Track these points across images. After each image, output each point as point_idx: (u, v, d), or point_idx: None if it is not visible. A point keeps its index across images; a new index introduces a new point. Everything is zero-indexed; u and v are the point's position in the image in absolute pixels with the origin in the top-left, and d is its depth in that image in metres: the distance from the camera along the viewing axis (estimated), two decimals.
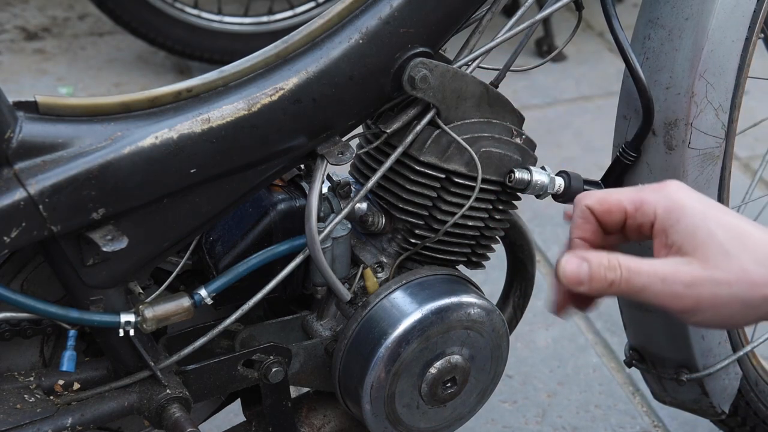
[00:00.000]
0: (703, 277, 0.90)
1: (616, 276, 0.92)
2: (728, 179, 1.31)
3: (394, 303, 1.19)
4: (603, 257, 0.94)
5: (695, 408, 1.46)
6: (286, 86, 1.06)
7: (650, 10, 1.25)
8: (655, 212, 0.95)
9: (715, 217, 0.93)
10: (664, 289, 0.91)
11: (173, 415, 1.10)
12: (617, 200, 0.97)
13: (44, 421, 1.06)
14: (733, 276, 0.90)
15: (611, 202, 0.97)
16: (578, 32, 1.24)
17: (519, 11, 1.17)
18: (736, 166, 2.39)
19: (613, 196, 0.98)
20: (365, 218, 1.20)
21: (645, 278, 0.92)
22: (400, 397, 1.20)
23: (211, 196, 1.07)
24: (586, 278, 0.93)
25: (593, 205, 0.98)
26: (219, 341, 1.20)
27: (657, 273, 0.92)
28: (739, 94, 1.26)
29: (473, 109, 1.16)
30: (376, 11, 1.08)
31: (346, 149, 1.11)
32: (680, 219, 0.93)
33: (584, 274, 0.93)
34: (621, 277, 0.92)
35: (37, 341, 1.14)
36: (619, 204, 0.97)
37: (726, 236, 0.92)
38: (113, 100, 1.01)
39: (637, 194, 0.97)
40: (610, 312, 1.97)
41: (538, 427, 1.75)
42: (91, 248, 1.01)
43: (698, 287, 0.91)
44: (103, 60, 2.86)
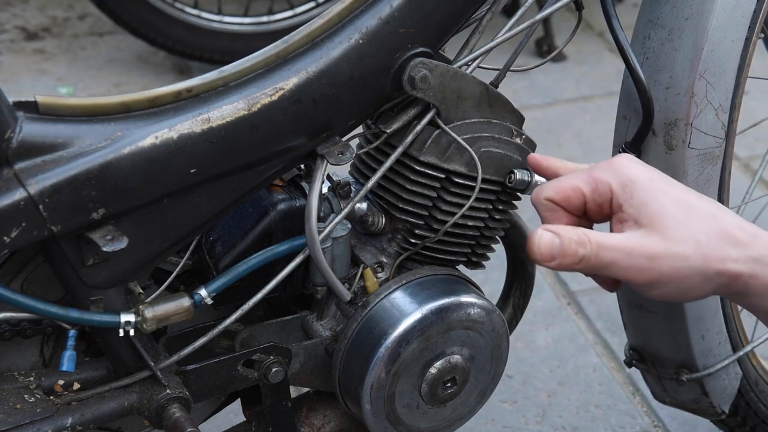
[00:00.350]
0: (663, 251, 0.91)
1: (586, 251, 0.93)
2: (728, 179, 1.31)
3: (394, 303, 1.19)
4: (572, 232, 0.94)
5: (695, 408, 1.46)
6: (286, 86, 1.07)
7: (650, 10, 1.25)
8: (610, 189, 0.95)
9: (663, 189, 0.94)
10: (630, 263, 0.92)
11: (173, 415, 1.10)
12: (572, 185, 0.98)
13: (44, 421, 1.06)
14: (689, 249, 0.91)
15: (567, 189, 0.98)
16: (578, 32, 1.24)
17: (519, 11, 1.17)
18: (736, 166, 2.39)
19: (567, 182, 0.99)
20: (365, 218, 1.20)
21: (612, 253, 0.92)
22: (400, 397, 1.20)
23: (211, 196, 1.07)
24: (558, 253, 0.93)
25: (552, 196, 0.99)
26: (219, 341, 1.20)
27: (623, 247, 0.92)
28: (739, 94, 1.26)
29: (473, 109, 1.16)
30: (376, 11, 1.08)
31: (346, 149, 1.11)
32: (633, 193, 0.94)
33: (556, 249, 0.94)
34: (590, 252, 0.93)
35: (37, 341, 1.14)
36: (576, 188, 0.98)
37: (676, 208, 0.93)
38: (113, 100, 1.01)
39: (589, 175, 0.98)
40: (610, 312, 1.98)
41: (538, 427, 1.75)
42: (91, 248, 1.01)
43: (659, 260, 0.91)
44: (103, 60, 2.86)
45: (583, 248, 0.93)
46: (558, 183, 0.99)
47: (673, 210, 0.93)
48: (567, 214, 0.99)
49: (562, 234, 0.94)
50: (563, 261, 0.93)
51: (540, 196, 1.00)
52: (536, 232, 0.95)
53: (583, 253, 0.93)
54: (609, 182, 0.96)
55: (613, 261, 0.93)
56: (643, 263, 0.92)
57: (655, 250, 0.92)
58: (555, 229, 0.95)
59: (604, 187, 0.96)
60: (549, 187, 1.00)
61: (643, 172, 0.96)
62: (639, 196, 0.94)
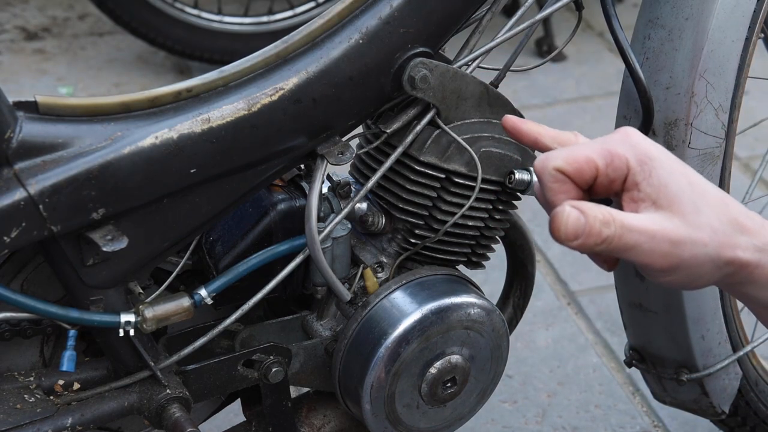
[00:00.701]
0: (686, 236, 0.87)
1: (610, 232, 0.86)
2: (728, 179, 1.31)
3: (394, 303, 1.19)
4: (597, 210, 0.87)
5: (695, 408, 1.46)
6: (286, 86, 1.07)
7: (650, 10, 1.25)
8: (627, 165, 0.88)
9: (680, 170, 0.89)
10: (653, 247, 0.87)
11: (173, 415, 1.10)
12: (587, 157, 0.89)
13: (44, 421, 1.06)
14: (707, 236, 0.87)
15: (581, 160, 0.89)
16: (578, 32, 1.24)
17: (519, 11, 1.17)
18: (736, 166, 2.39)
19: (580, 152, 0.89)
20: (365, 218, 1.20)
21: (637, 235, 0.86)
22: (400, 397, 1.20)
23: (211, 196, 1.07)
24: (582, 232, 0.86)
25: (563, 167, 0.89)
26: (219, 341, 1.20)
27: (648, 230, 0.86)
28: (739, 94, 1.26)
29: (473, 109, 1.16)
30: (376, 11, 1.08)
31: (346, 149, 1.11)
32: (652, 172, 0.88)
33: (581, 228, 0.86)
34: (615, 233, 0.86)
35: (37, 341, 1.14)
36: (589, 160, 0.89)
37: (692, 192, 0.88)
38: (113, 100, 1.01)
39: (605, 148, 0.89)
40: (610, 312, 1.97)
41: (538, 427, 1.75)
42: (91, 248, 1.01)
43: (682, 246, 0.87)
44: (103, 60, 2.86)
45: (608, 229, 0.86)
46: (570, 152, 0.90)
47: (690, 193, 0.88)
48: (575, 188, 0.90)
49: (588, 212, 0.86)
50: (586, 241, 0.86)
51: (548, 165, 0.89)
52: (563, 208, 0.86)
53: (608, 233, 0.86)
54: (626, 157, 0.88)
55: (637, 244, 0.87)
56: (666, 248, 0.86)
57: (678, 234, 0.86)
58: (580, 206, 0.87)
59: (621, 162, 0.88)
60: (559, 156, 0.89)
61: (658, 149, 0.90)
62: (659, 175, 0.88)
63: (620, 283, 1.40)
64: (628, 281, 1.37)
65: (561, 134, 0.96)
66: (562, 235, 0.87)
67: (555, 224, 0.87)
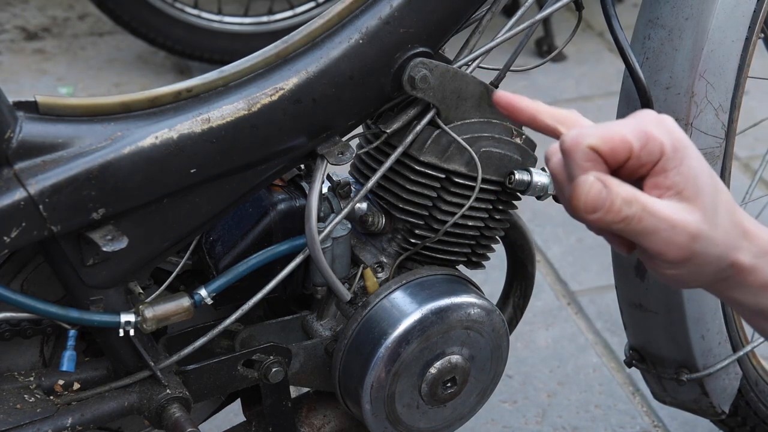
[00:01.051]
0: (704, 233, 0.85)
1: (631, 212, 0.83)
2: (728, 179, 1.31)
3: (394, 303, 1.19)
4: (621, 187, 0.83)
5: (695, 408, 1.46)
6: (286, 86, 1.07)
7: (650, 10, 1.25)
8: (662, 150, 0.84)
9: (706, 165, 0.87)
10: (671, 236, 0.84)
11: (173, 415, 1.10)
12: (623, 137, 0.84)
13: (44, 421, 1.06)
14: (720, 236, 0.86)
15: (616, 139, 0.84)
16: (578, 32, 1.24)
17: (519, 11, 1.17)
18: (736, 166, 2.38)
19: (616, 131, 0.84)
20: (365, 218, 1.20)
21: (657, 221, 0.83)
22: (400, 397, 1.20)
23: (211, 196, 1.07)
24: (602, 206, 0.83)
25: (598, 145, 0.84)
26: (219, 341, 1.20)
27: (670, 218, 0.83)
28: (739, 94, 1.26)
29: (473, 109, 1.16)
30: (376, 11, 1.08)
31: (346, 149, 1.11)
32: (684, 160, 0.85)
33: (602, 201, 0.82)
34: (635, 213, 0.83)
35: (37, 341, 1.14)
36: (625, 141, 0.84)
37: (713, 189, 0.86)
38: (113, 100, 1.01)
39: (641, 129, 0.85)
40: (610, 312, 1.97)
41: (538, 427, 1.75)
42: (91, 248, 1.01)
43: (699, 241, 0.85)
44: (103, 60, 2.86)
45: (629, 208, 0.82)
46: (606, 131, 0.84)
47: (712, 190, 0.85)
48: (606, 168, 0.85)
49: (612, 187, 0.82)
50: (605, 216, 0.82)
51: (582, 143, 0.83)
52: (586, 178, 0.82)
53: (628, 213, 0.82)
54: (662, 142, 0.84)
55: (656, 230, 0.83)
56: (683, 240, 0.84)
57: (698, 229, 0.84)
58: (605, 179, 0.83)
59: (656, 146, 0.84)
60: (594, 134, 0.84)
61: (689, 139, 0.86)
62: (690, 165, 0.85)
63: (620, 283, 1.40)
64: (628, 281, 1.37)
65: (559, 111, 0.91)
66: (581, 206, 0.83)
67: (576, 193, 0.83)
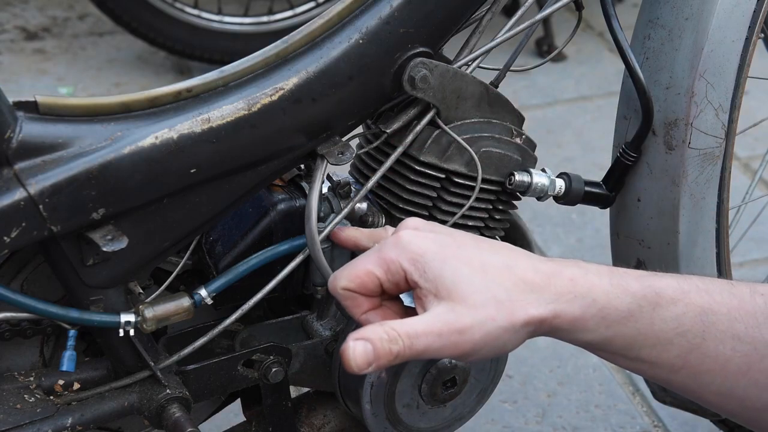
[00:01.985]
0: (470, 321, 0.90)
1: (399, 347, 0.90)
2: (728, 179, 1.31)
3: None
4: (381, 330, 0.91)
5: (695, 408, 1.46)
6: (286, 86, 1.06)
7: (650, 10, 1.25)
8: (401, 268, 0.93)
9: (454, 255, 0.93)
10: (443, 342, 0.90)
11: (173, 415, 1.10)
12: (365, 270, 0.95)
13: (44, 421, 1.06)
14: (492, 310, 0.90)
15: (361, 275, 0.95)
16: (578, 32, 1.24)
17: (519, 11, 1.17)
18: (736, 166, 2.38)
19: (359, 268, 0.96)
20: (365, 218, 1.20)
21: (424, 338, 0.90)
22: (400, 397, 1.20)
23: (211, 196, 1.07)
24: (373, 358, 0.90)
25: (348, 285, 0.96)
26: (219, 341, 1.20)
27: (432, 330, 0.90)
28: (739, 94, 1.26)
29: (473, 109, 1.16)
30: (376, 11, 1.08)
31: (346, 149, 1.11)
32: (425, 267, 0.92)
33: (371, 356, 0.90)
34: (404, 346, 0.90)
35: (37, 341, 1.14)
36: (368, 272, 0.95)
37: (470, 272, 0.91)
38: (113, 100, 1.01)
39: (379, 257, 0.95)
40: None
41: (538, 427, 1.75)
42: (91, 248, 1.01)
43: (470, 331, 0.90)
44: (103, 60, 2.86)
45: (396, 344, 0.90)
46: (350, 270, 0.96)
47: (467, 274, 0.91)
48: (367, 299, 0.96)
49: (372, 337, 0.90)
50: (379, 363, 0.90)
51: (336, 287, 0.97)
52: (347, 345, 0.91)
53: (397, 349, 0.90)
54: (399, 261, 0.94)
55: (427, 346, 0.90)
56: (456, 339, 0.90)
57: (462, 323, 0.90)
58: (364, 335, 0.91)
59: (396, 267, 0.94)
60: (342, 276, 0.96)
61: (431, 240, 0.94)
62: (432, 268, 0.92)
63: None
64: None
65: (375, 233, 1.06)
66: (356, 369, 0.90)
67: (345, 361, 0.91)
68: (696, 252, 1.30)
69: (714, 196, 1.29)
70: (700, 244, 1.30)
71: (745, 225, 1.66)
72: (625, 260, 1.34)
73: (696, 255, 1.30)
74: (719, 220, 1.30)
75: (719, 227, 1.31)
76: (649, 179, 1.26)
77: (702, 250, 1.30)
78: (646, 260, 1.31)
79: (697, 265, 1.31)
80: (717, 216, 1.30)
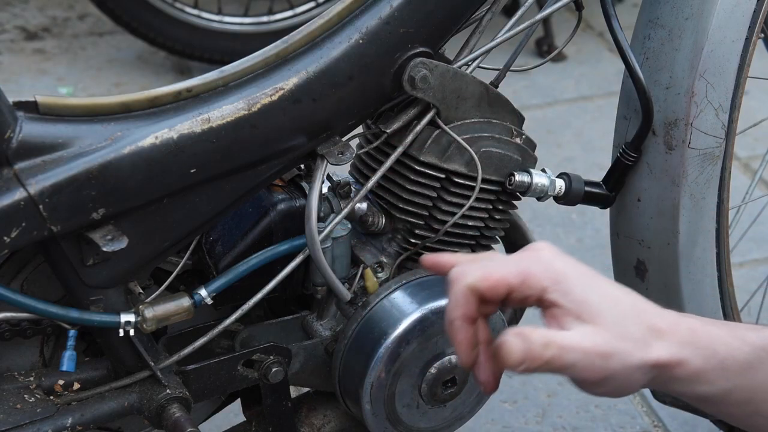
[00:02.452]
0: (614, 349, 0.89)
1: (551, 354, 0.89)
2: (728, 179, 1.31)
3: (394, 303, 1.19)
4: (537, 334, 0.89)
5: (695, 408, 1.46)
6: (286, 86, 1.07)
7: (650, 10, 1.25)
8: (541, 285, 0.91)
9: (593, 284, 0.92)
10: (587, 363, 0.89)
11: (173, 415, 1.10)
12: (501, 277, 0.92)
13: (44, 421, 1.06)
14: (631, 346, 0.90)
15: (495, 279, 0.92)
16: (578, 32, 1.24)
17: (519, 11, 1.17)
18: (736, 166, 2.38)
19: (495, 272, 0.92)
20: (365, 218, 1.20)
21: (573, 354, 0.89)
22: (400, 397, 1.20)
23: (211, 196, 1.07)
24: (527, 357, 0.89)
25: (477, 284, 0.91)
26: (219, 341, 1.20)
27: (582, 348, 0.89)
28: (739, 94, 1.26)
29: (473, 109, 1.16)
30: (376, 11, 1.08)
31: (346, 149, 1.11)
32: (569, 289, 0.91)
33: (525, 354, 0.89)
34: (555, 354, 0.89)
35: (37, 341, 1.14)
36: (504, 280, 0.92)
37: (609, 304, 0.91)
38: (113, 100, 1.01)
39: (519, 267, 0.92)
40: None
41: (538, 427, 1.74)
42: (91, 248, 1.01)
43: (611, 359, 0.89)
44: (103, 60, 2.86)
45: (548, 351, 0.89)
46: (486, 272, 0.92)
47: (607, 305, 0.91)
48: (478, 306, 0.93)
49: (529, 336, 0.89)
50: (531, 365, 0.89)
51: (462, 281, 0.92)
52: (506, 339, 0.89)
53: (549, 355, 0.89)
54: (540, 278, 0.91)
55: (574, 362, 0.90)
56: (598, 362, 0.89)
57: (608, 348, 0.89)
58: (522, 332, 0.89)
59: (535, 281, 0.91)
60: (474, 274, 0.92)
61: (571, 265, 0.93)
62: (575, 292, 0.91)
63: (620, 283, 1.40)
64: (628, 281, 1.37)
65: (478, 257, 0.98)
66: (511, 363, 0.89)
67: (503, 353, 0.89)
68: (696, 252, 1.30)
69: (714, 196, 1.29)
70: (700, 244, 1.30)
71: (745, 225, 1.66)
72: (625, 260, 1.34)
73: (696, 255, 1.30)
74: (719, 220, 1.30)
75: (719, 227, 1.31)
76: (649, 179, 1.26)
77: (702, 250, 1.30)
78: (646, 260, 1.31)
79: (697, 266, 1.31)
80: (717, 216, 1.30)
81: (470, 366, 0.93)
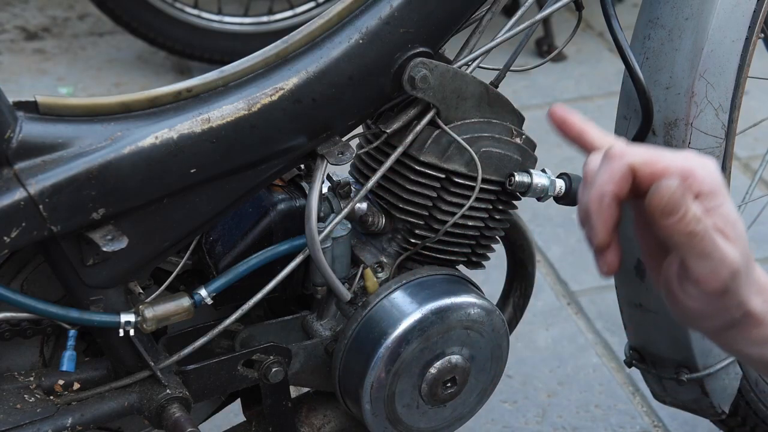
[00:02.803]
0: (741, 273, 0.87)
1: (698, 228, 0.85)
2: (728, 179, 1.31)
3: (394, 303, 1.19)
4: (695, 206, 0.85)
5: (695, 408, 1.46)
6: (286, 86, 1.07)
7: (650, 10, 1.25)
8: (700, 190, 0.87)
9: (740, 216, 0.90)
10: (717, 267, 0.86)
11: (173, 415, 1.10)
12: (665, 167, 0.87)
13: (44, 421, 1.06)
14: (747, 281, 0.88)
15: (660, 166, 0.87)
16: (578, 32, 1.24)
17: (519, 11, 1.17)
18: (736, 166, 2.38)
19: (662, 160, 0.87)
20: (365, 218, 1.20)
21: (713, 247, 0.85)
22: (400, 397, 1.20)
23: (211, 196, 1.07)
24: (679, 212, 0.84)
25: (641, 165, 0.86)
26: (219, 341, 1.20)
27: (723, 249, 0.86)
28: (739, 94, 1.26)
29: (473, 109, 1.16)
30: (376, 11, 1.08)
31: (346, 149, 1.11)
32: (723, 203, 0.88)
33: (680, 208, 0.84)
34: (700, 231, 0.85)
35: (37, 341, 1.14)
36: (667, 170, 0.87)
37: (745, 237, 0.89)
38: (113, 100, 1.02)
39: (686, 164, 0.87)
40: (610, 312, 1.97)
41: (538, 427, 1.75)
42: (91, 248, 1.01)
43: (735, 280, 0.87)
44: (103, 60, 2.86)
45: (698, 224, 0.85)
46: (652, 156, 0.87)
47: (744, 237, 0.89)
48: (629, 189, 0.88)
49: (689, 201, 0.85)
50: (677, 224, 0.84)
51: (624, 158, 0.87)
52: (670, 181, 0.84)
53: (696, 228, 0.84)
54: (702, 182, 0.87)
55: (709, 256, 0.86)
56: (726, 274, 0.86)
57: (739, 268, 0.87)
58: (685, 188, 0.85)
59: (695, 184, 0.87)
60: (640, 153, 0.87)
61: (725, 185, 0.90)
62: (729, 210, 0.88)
63: (620, 283, 1.40)
64: (628, 281, 1.37)
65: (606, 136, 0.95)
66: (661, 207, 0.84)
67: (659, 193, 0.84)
68: None
69: None
70: None
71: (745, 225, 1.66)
72: (625, 260, 1.34)
73: None
74: None
75: None
76: None
77: None
78: None
79: None
80: None
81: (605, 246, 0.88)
